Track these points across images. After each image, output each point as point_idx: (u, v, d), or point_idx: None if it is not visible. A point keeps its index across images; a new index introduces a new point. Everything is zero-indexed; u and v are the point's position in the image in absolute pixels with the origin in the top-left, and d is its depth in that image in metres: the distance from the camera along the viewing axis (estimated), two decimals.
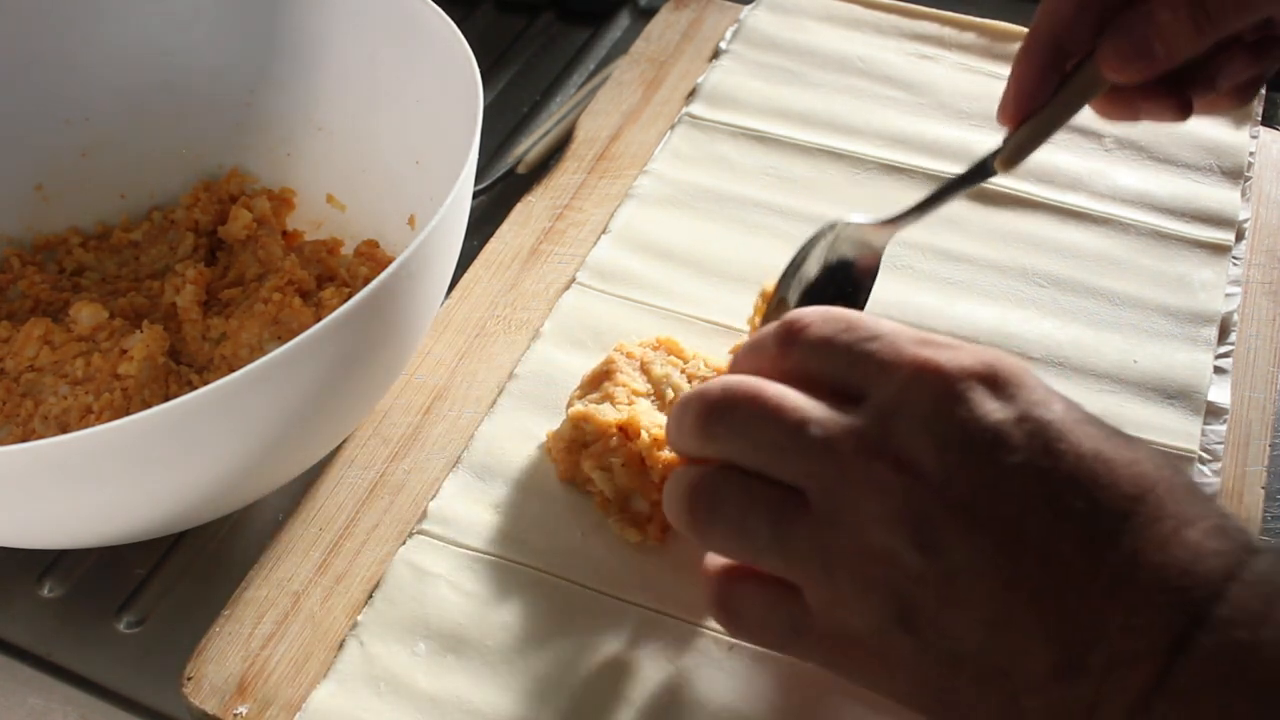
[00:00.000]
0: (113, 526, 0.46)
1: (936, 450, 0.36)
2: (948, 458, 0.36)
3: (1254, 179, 0.65)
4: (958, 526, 0.36)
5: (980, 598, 0.35)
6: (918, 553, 0.36)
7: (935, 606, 0.36)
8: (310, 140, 0.63)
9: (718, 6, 0.77)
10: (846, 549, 0.37)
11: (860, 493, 0.37)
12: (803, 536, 0.38)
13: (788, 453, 0.39)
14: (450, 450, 0.54)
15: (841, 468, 0.37)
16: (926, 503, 0.36)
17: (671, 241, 0.62)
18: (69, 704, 0.49)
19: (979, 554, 0.35)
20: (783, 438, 0.39)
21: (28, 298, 0.59)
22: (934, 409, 0.37)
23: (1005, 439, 0.36)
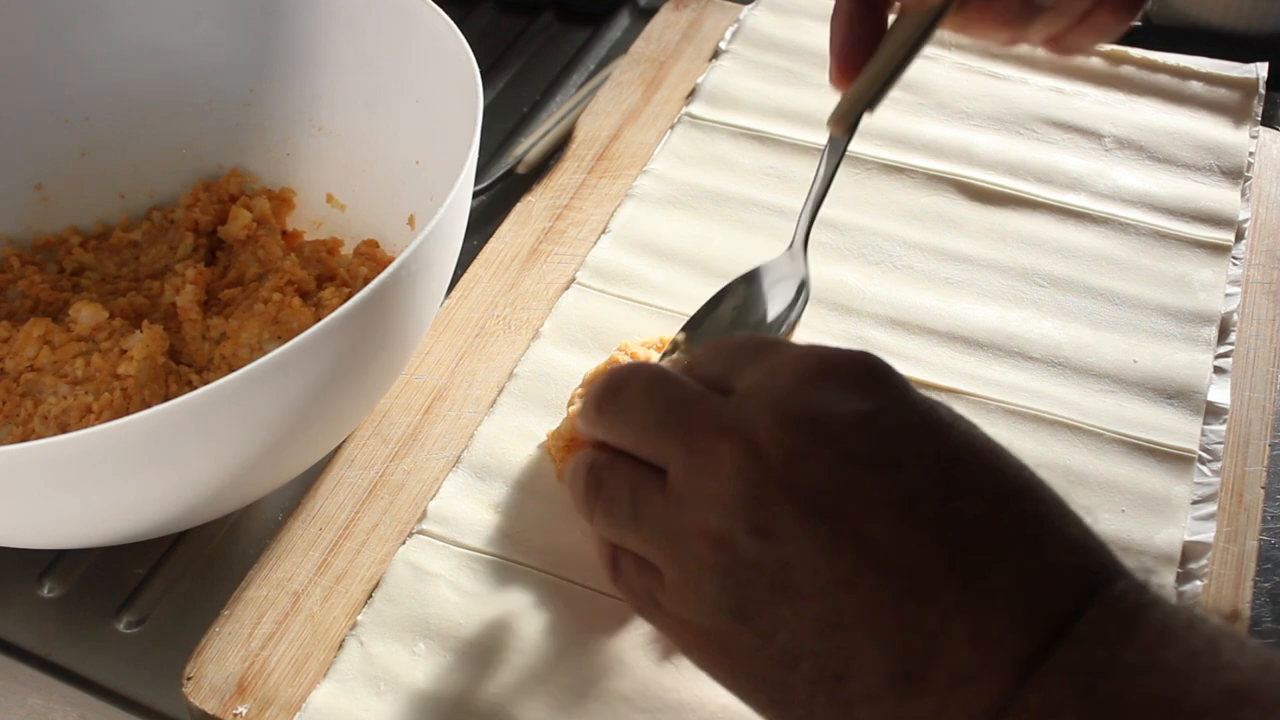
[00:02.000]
0: (113, 526, 0.46)
1: (782, 432, 0.34)
2: (793, 441, 0.34)
3: (1254, 179, 0.65)
4: (795, 514, 0.34)
5: (815, 592, 0.33)
6: (754, 538, 0.34)
7: (769, 597, 0.34)
8: (310, 140, 0.63)
9: (718, 6, 0.77)
10: (690, 530, 0.36)
11: (703, 472, 0.36)
12: (657, 515, 0.37)
13: (651, 431, 0.38)
14: (450, 450, 0.54)
15: (690, 446, 0.36)
16: (766, 486, 0.34)
17: (671, 241, 0.62)
18: (69, 704, 0.49)
19: (816, 545, 0.33)
20: (652, 415, 0.38)
21: (28, 298, 0.59)
22: (786, 392, 0.35)
23: (857, 428, 0.34)
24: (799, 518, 0.34)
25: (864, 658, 0.33)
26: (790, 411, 0.35)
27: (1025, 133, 0.67)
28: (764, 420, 0.35)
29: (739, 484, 0.35)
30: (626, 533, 0.38)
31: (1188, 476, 0.52)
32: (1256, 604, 0.49)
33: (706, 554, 0.35)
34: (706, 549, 0.35)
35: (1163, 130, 0.67)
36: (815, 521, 0.34)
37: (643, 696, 0.45)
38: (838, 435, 0.34)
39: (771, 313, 0.53)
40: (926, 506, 0.33)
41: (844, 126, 0.50)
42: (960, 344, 0.57)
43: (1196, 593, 0.48)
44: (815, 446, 0.34)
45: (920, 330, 0.58)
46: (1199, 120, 0.68)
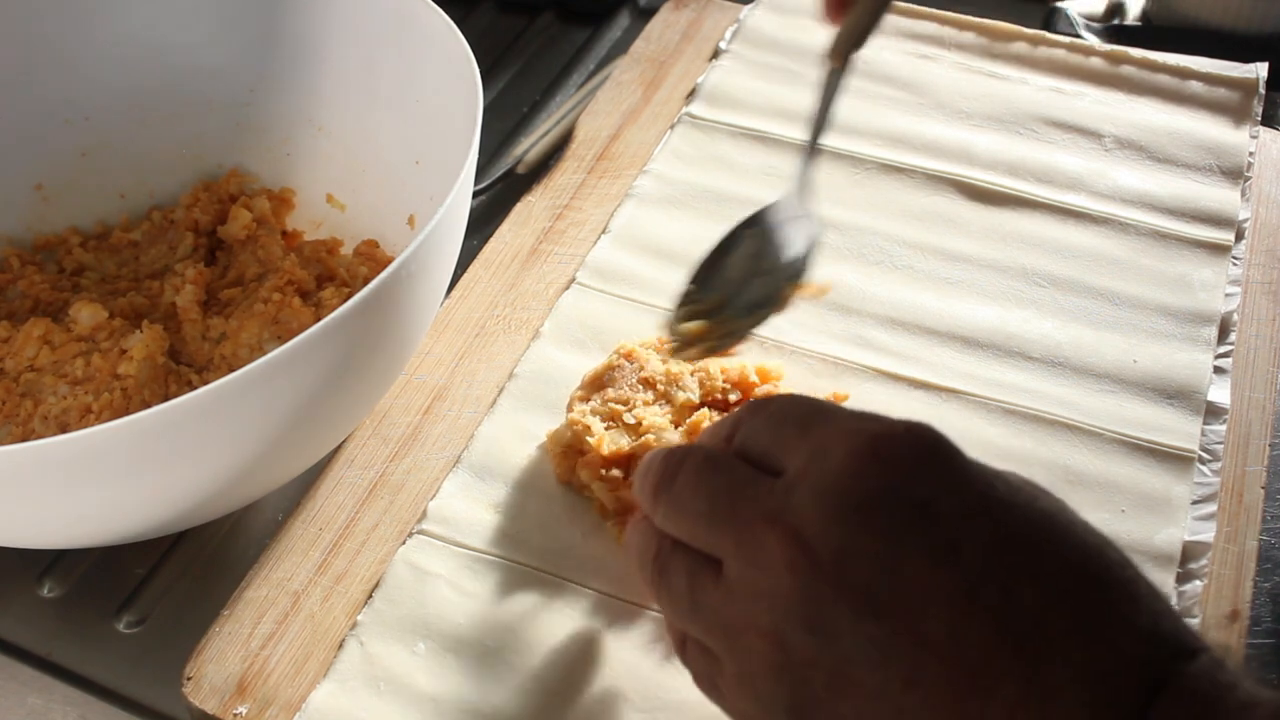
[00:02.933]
0: (113, 526, 0.46)
1: (831, 523, 0.33)
2: (842, 532, 0.33)
3: (1254, 179, 0.65)
4: (849, 611, 0.33)
5: (874, 691, 0.32)
6: (808, 635, 0.33)
7: (828, 696, 0.33)
8: (310, 140, 0.63)
9: (718, 6, 0.77)
10: (743, 625, 0.35)
11: (756, 566, 0.34)
12: (712, 606, 0.36)
13: (702, 521, 0.37)
14: (450, 450, 0.54)
15: (740, 537, 0.35)
16: (818, 582, 0.33)
17: (672, 241, 0.62)
18: (69, 704, 0.49)
19: (872, 643, 0.32)
20: (703, 506, 0.37)
21: (28, 298, 0.59)
22: (836, 480, 0.34)
23: (909, 515, 0.33)
24: (853, 615, 0.33)
25: None
26: (842, 501, 0.34)
27: (1025, 133, 0.67)
28: (812, 512, 0.34)
29: (788, 580, 0.34)
30: (687, 621, 0.38)
31: (1188, 476, 0.52)
32: (1256, 604, 0.49)
33: (761, 650, 0.34)
34: (761, 644, 0.34)
35: (1163, 130, 0.67)
36: (870, 619, 0.32)
37: (643, 697, 0.45)
38: (891, 525, 0.33)
39: (784, 256, 0.52)
40: (985, 597, 0.32)
41: (841, 58, 0.51)
42: (960, 344, 0.57)
43: (1197, 592, 0.48)
44: (866, 541, 0.33)
45: (920, 330, 0.58)
46: (1199, 120, 0.68)
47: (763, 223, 0.53)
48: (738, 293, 0.52)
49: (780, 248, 0.52)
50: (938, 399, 0.55)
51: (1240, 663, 0.32)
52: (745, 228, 0.53)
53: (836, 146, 0.67)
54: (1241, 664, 0.32)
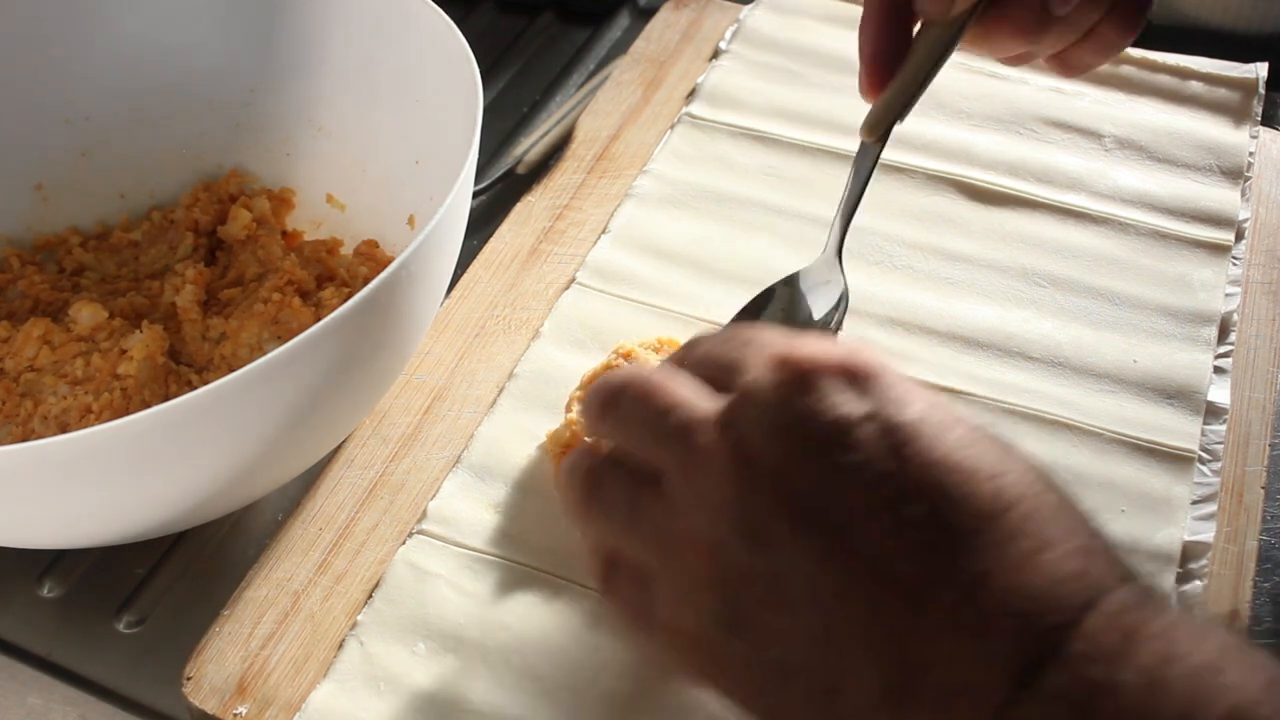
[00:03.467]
0: (113, 526, 0.46)
1: (774, 439, 0.34)
2: (783, 446, 0.34)
3: (1254, 179, 0.65)
4: (788, 522, 0.33)
5: (807, 604, 0.33)
6: (746, 547, 0.34)
7: (760, 608, 0.34)
8: (310, 140, 0.63)
9: (718, 6, 0.77)
10: (682, 537, 0.35)
11: (697, 479, 0.35)
12: (649, 521, 0.36)
13: (650, 435, 0.37)
14: (450, 450, 0.54)
15: (685, 452, 0.35)
16: (758, 493, 0.34)
17: (671, 241, 0.62)
18: (69, 704, 0.49)
19: (808, 555, 0.33)
20: (650, 420, 0.37)
21: (28, 298, 0.59)
22: (778, 396, 0.34)
23: (847, 434, 0.33)
24: (791, 527, 0.33)
25: (856, 671, 0.32)
26: (784, 417, 0.34)
27: (1025, 133, 0.67)
28: (753, 427, 0.34)
29: (729, 490, 0.34)
30: (622, 537, 0.38)
31: (1188, 476, 0.52)
32: (1256, 604, 0.49)
33: (699, 562, 0.35)
34: (700, 557, 0.35)
35: (1163, 130, 0.67)
36: (806, 531, 0.33)
37: (643, 697, 0.45)
38: (825, 443, 0.33)
39: (815, 314, 0.54)
40: (918, 514, 0.32)
41: (877, 135, 0.51)
42: (960, 344, 0.57)
43: (1196, 592, 0.48)
44: (808, 453, 0.34)
45: (920, 330, 0.58)
46: (1199, 120, 0.68)
47: (796, 284, 0.55)
48: None
49: (811, 310, 0.54)
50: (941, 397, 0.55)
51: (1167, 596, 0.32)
52: (782, 285, 0.55)
53: (836, 146, 0.67)
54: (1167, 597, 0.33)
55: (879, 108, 0.50)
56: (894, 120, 0.51)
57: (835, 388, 0.34)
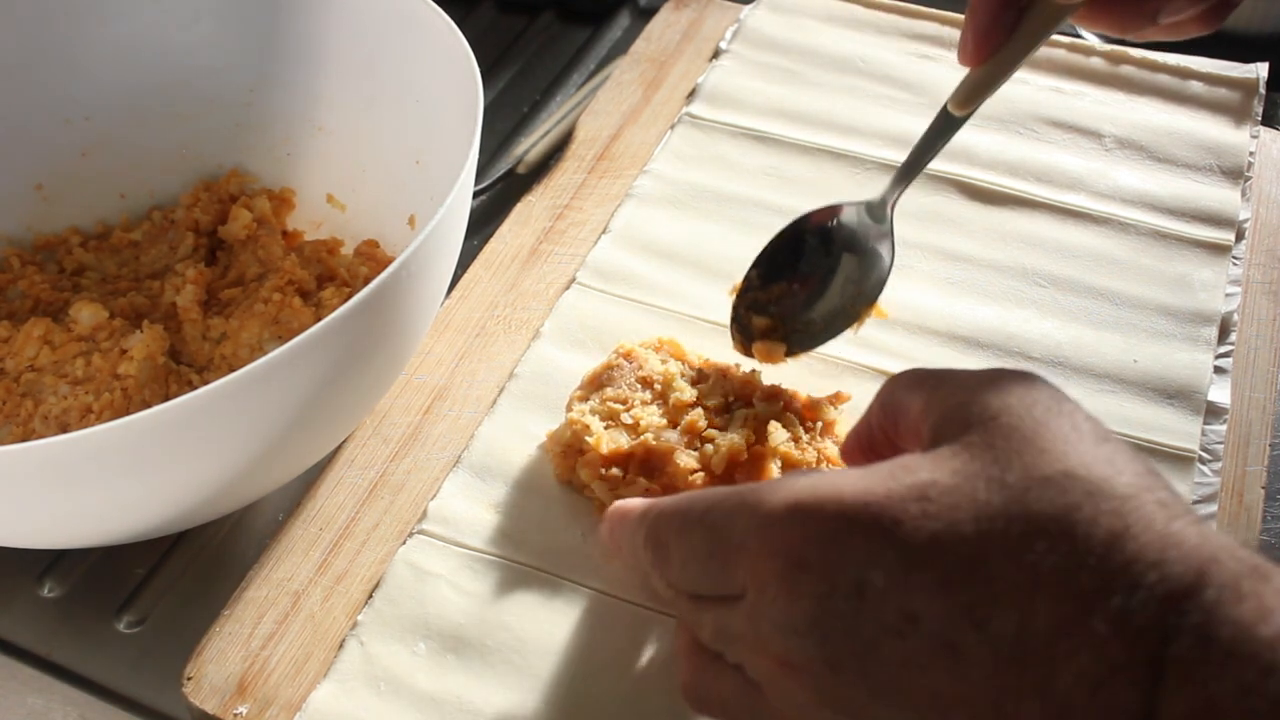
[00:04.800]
0: (113, 526, 0.46)
1: (799, 644, 0.34)
2: (812, 647, 0.34)
3: (1254, 179, 0.65)
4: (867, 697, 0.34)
5: None
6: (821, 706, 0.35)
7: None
8: (310, 140, 0.63)
9: (718, 6, 0.77)
10: None
11: (778, 696, 0.36)
12: None
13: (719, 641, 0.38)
14: (450, 450, 0.54)
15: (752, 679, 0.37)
16: (823, 687, 0.34)
17: (671, 241, 0.62)
18: (69, 704, 0.49)
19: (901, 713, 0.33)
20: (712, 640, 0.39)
21: (28, 298, 0.59)
22: (783, 609, 0.35)
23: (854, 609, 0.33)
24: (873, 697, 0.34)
25: None
26: (796, 624, 0.34)
27: (1025, 133, 0.67)
28: (781, 641, 0.35)
29: (810, 695, 0.35)
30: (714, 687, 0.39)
31: (1188, 476, 0.52)
32: None
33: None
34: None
35: (1163, 130, 0.67)
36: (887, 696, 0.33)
37: (644, 697, 0.45)
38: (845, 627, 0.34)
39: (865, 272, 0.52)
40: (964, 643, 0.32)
41: (971, 108, 0.49)
42: (960, 344, 0.57)
43: None
44: (835, 644, 0.34)
45: (920, 330, 0.58)
46: (1199, 120, 0.68)
47: (841, 227, 0.53)
48: (813, 298, 0.52)
49: (860, 261, 0.52)
50: None
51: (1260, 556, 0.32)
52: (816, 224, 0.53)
53: (836, 146, 0.67)
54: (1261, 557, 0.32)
55: (977, 80, 0.49)
56: (988, 94, 0.49)
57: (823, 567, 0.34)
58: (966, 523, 0.33)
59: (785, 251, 0.53)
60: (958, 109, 0.50)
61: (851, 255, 0.53)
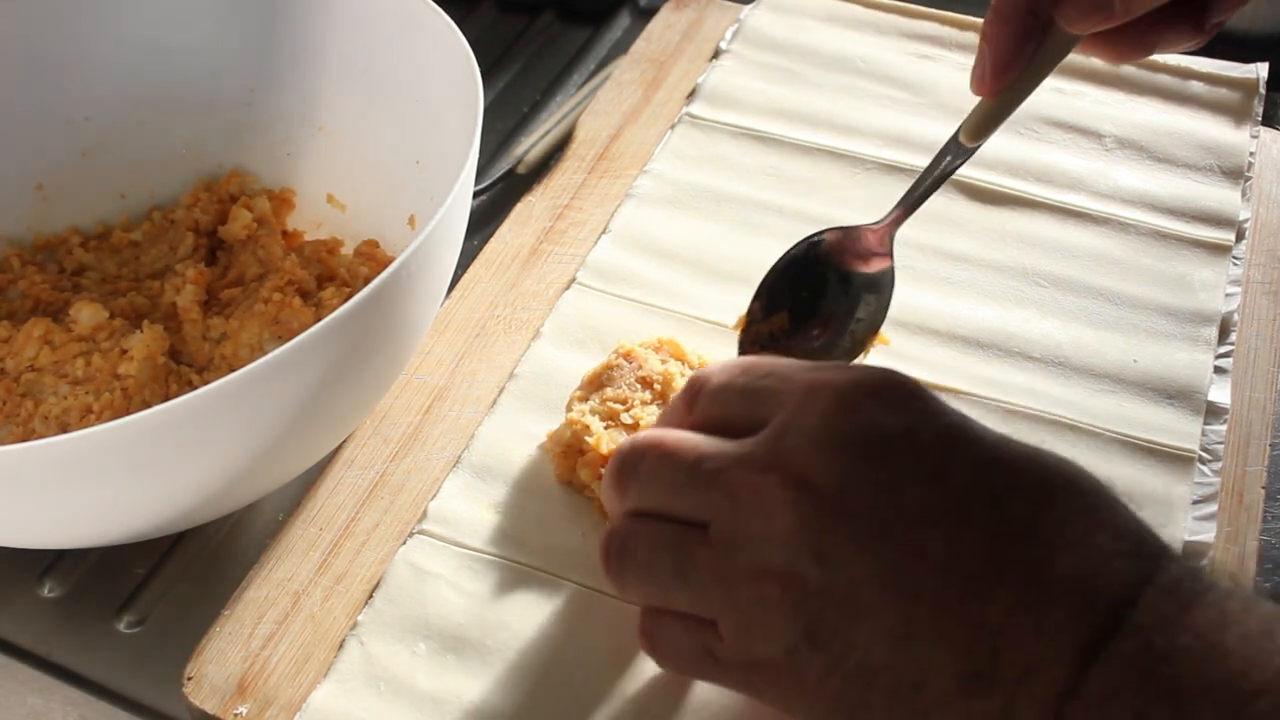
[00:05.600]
0: (113, 526, 0.46)
1: (828, 459, 0.36)
2: (840, 465, 0.36)
3: (1254, 179, 0.65)
4: (855, 536, 0.35)
5: (885, 609, 0.35)
6: (816, 566, 0.35)
7: (840, 620, 0.35)
8: (310, 140, 0.63)
9: (718, 6, 0.77)
10: (745, 573, 0.37)
11: (754, 513, 0.37)
12: (704, 567, 0.38)
13: (685, 488, 0.39)
14: (450, 450, 0.54)
15: (733, 491, 0.37)
16: (822, 514, 0.36)
17: (671, 241, 0.62)
18: (69, 704, 0.49)
19: (880, 563, 0.35)
20: (681, 475, 0.39)
21: (28, 298, 0.59)
22: (824, 421, 0.36)
23: (898, 444, 0.36)
24: (860, 539, 0.35)
25: (935, 663, 0.34)
26: (834, 438, 0.36)
27: (1025, 133, 0.67)
28: (807, 452, 0.36)
29: (793, 518, 0.36)
30: (671, 592, 0.39)
31: (1188, 476, 0.52)
32: None
33: (770, 591, 0.36)
34: (770, 587, 0.36)
35: (1163, 130, 0.67)
36: (875, 540, 0.35)
37: (644, 697, 0.45)
38: (883, 454, 0.36)
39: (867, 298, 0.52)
40: (977, 511, 0.34)
41: (982, 139, 0.50)
42: (960, 344, 0.57)
43: None
44: (863, 469, 0.36)
45: (920, 330, 0.58)
46: (1199, 120, 0.68)
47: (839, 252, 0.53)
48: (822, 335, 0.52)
49: (862, 288, 0.53)
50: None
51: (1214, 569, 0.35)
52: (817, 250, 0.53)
53: (836, 146, 0.67)
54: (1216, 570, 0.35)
55: (990, 111, 0.49)
56: (999, 124, 0.49)
57: (877, 406, 0.37)
58: None
59: (786, 279, 0.53)
60: (969, 140, 0.50)
61: (857, 282, 0.53)
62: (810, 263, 0.53)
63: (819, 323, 0.53)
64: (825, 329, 0.53)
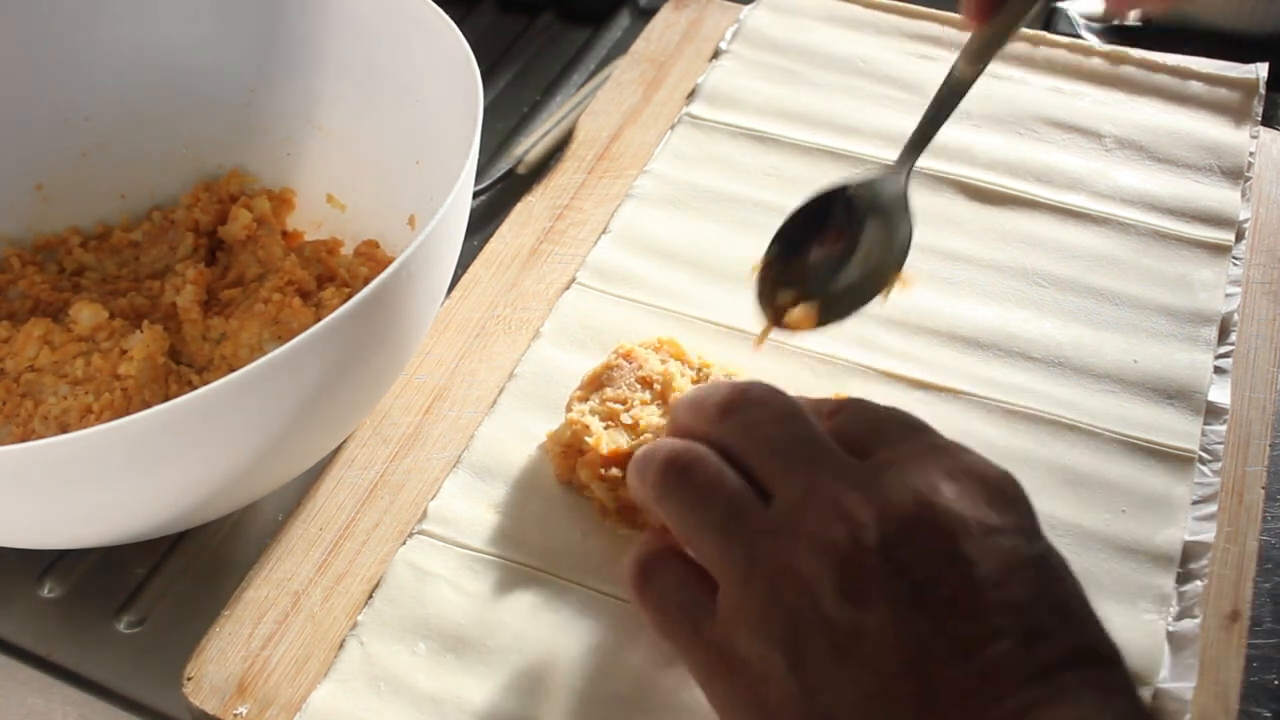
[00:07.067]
0: (113, 526, 0.46)
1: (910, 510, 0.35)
2: (916, 525, 0.35)
3: (1254, 179, 0.65)
4: (888, 589, 0.34)
5: (874, 669, 0.34)
6: (837, 594, 0.35)
7: (829, 656, 0.34)
8: (310, 140, 0.63)
9: (718, 6, 0.77)
10: (777, 562, 0.36)
11: (820, 514, 0.36)
12: (746, 530, 0.37)
13: (776, 454, 0.38)
14: (450, 450, 0.54)
15: (815, 483, 0.37)
16: (873, 554, 0.35)
17: (671, 241, 0.62)
18: (69, 704, 0.49)
19: (895, 624, 0.34)
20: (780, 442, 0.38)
21: (28, 298, 0.59)
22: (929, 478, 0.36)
23: (975, 535, 0.35)
24: (889, 594, 0.34)
25: None
26: (923, 497, 0.36)
27: (1025, 133, 0.67)
28: (896, 493, 0.36)
29: (847, 541, 0.35)
30: (706, 533, 0.38)
31: (1188, 476, 0.52)
32: (1256, 604, 0.49)
33: (784, 591, 0.35)
34: (786, 586, 0.35)
35: (1163, 130, 0.67)
36: (903, 602, 0.34)
37: (643, 697, 0.45)
38: (957, 536, 0.35)
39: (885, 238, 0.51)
40: (1011, 634, 0.34)
41: (982, 64, 0.49)
42: (960, 344, 0.57)
43: (1197, 593, 0.48)
44: (933, 538, 0.35)
45: (920, 330, 0.58)
46: (1199, 120, 0.68)
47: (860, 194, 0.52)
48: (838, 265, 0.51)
49: (884, 225, 0.51)
50: (938, 399, 0.55)
51: None
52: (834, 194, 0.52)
53: (836, 146, 0.67)
54: None
55: (984, 36, 0.48)
56: (998, 49, 0.48)
57: (984, 493, 0.36)
58: None
59: (803, 227, 0.52)
60: (967, 67, 0.49)
61: (875, 220, 0.51)
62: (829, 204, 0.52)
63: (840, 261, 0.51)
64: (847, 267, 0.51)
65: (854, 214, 0.52)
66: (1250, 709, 0.46)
